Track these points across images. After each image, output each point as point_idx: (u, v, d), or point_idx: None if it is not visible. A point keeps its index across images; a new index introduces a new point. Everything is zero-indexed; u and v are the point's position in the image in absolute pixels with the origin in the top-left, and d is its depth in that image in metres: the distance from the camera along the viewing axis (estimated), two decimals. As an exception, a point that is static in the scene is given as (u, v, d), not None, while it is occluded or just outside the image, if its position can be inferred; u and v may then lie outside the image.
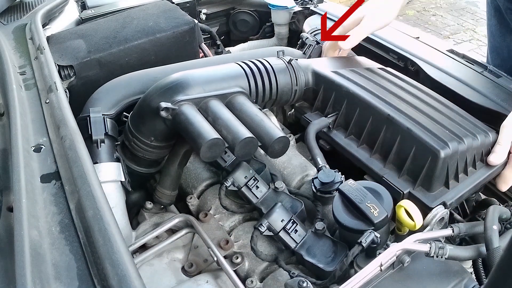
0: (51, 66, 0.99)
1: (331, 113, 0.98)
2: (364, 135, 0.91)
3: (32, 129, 0.84)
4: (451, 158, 0.80)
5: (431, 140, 0.81)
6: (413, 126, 0.83)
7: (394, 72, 1.05)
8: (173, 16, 1.26)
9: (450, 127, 0.85)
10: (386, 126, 0.87)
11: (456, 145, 0.81)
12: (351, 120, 0.94)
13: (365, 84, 0.95)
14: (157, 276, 0.80)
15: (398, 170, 0.85)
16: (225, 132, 0.78)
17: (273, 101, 0.99)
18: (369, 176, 0.88)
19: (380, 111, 0.88)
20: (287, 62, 0.99)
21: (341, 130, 0.96)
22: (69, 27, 1.36)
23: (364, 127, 0.91)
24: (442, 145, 0.80)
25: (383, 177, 0.84)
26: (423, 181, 0.82)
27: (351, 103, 0.93)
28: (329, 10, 1.46)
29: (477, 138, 0.85)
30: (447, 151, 0.79)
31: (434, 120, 0.86)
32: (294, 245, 0.79)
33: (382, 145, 0.88)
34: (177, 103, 0.82)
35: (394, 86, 0.97)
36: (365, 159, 0.89)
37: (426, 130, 0.83)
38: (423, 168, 0.81)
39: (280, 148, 0.81)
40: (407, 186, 0.82)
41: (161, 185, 0.93)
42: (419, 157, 0.82)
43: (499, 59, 1.50)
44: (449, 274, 0.70)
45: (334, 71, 1.00)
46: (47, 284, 0.56)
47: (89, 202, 0.64)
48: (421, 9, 5.07)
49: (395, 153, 0.86)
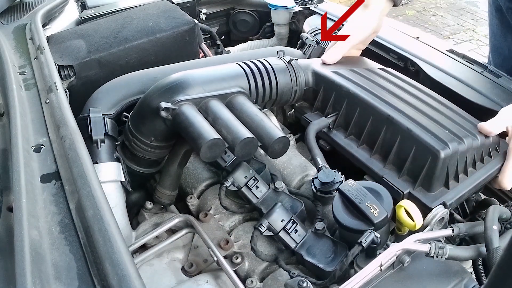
0: (51, 66, 0.99)
1: (331, 113, 0.98)
2: (364, 135, 0.91)
3: (32, 129, 0.84)
4: (451, 159, 0.80)
5: (431, 140, 0.81)
6: (413, 127, 0.83)
7: (394, 72, 1.05)
8: (173, 16, 1.26)
9: (450, 127, 0.85)
10: (386, 127, 0.87)
11: (456, 146, 0.81)
12: (351, 120, 0.93)
13: (365, 84, 0.95)
14: (157, 276, 0.80)
15: (398, 170, 0.85)
16: (225, 132, 0.78)
17: (273, 101, 0.99)
18: (369, 176, 0.88)
19: (380, 112, 0.88)
20: (287, 62, 0.99)
21: (341, 130, 0.96)
22: (69, 27, 1.36)
23: (364, 127, 0.91)
24: (442, 145, 0.80)
25: (383, 177, 0.84)
26: (423, 181, 0.82)
27: (351, 103, 0.93)
28: (329, 10, 1.46)
29: (477, 138, 0.85)
30: (447, 152, 0.79)
31: (434, 121, 0.86)
32: (294, 245, 0.79)
33: (382, 145, 0.88)
34: (177, 103, 0.82)
35: (394, 87, 0.97)
36: (365, 159, 0.89)
37: (426, 131, 0.83)
38: (423, 168, 0.81)
39: (280, 148, 0.81)
40: (407, 186, 0.82)
41: (161, 185, 0.93)
42: (419, 157, 0.82)
43: (501, 58, 1.50)
44: (449, 274, 0.70)
45: (334, 71, 1.00)
46: (47, 284, 0.56)
47: (89, 202, 0.64)
48: (421, 9, 5.07)
49: (395, 154, 0.85)
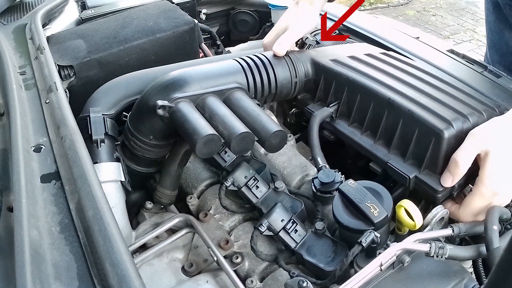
0: (51, 66, 0.99)
1: (333, 102, 0.97)
2: (366, 121, 0.89)
3: (32, 129, 0.84)
4: (456, 138, 0.78)
5: (434, 120, 0.78)
6: (415, 108, 0.81)
7: (395, 55, 1.03)
8: (173, 16, 1.26)
9: (454, 105, 0.82)
10: (387, 111, 0.85)
11: (460, 124, 0.78)
12: (353, 108, 0.92)
13: (364, 70, 0.94)
14: (157, 276, 0.80)
15: (403, 154, 0.83)
16: (221, 128, 0.78)
17: (273, 95, 0.98)
18: (375, 163, 0.86)
19: (381, 95, 0.86)
20: (285, 55, 0.99)
21: (344, 118, 0.95)
22: (69, 27, 1.36)
23: (366, 114, 0.89)
24: (445, 125, 0.78)
25: (388, 163, 0.83)
26: (428, 163, 0.80)
27: (352, 90, 0.92)
28: (329, 10, 1.46)
29: (483, 115, 0.82)
30: (451, 131, 0.77)
31: (437, 100, 0.83)
32: (294, 245, 0.79)
33: (385, 130, 0.86)
34: (174, 101, 0.82)
35: (395, 69, 0.95)
36: (369, 146, 0.87)
37: (429, 111, 0.80)
38: (427, 150, 0.78)
39: (277, 143, 0.80)
40: (413, 170, 0.80)
41: (161, 185, 0.93)
42: (422, 139, 0.80)
43: (498, 55, 1.50)
44: (449, 274, 0.70)
45: (332, 60, 0.99)
46: (47, 284, 0.56)
47: (89, 202, 0.64)
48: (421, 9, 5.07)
49: (399, 138, 0.84)
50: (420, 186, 0.81)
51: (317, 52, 1.05)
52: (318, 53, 1.05)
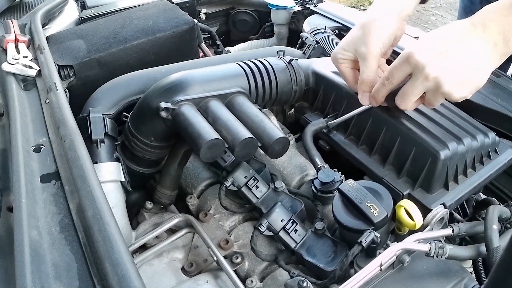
0: (51, 66, 0.99)
1: (331, 113, 0.98)
2: (363, 136, 0.91)
3: (32, 129, 0.84)
4: (450, 160, 0.80)
5: (431, 141, 0.81)
6: (413, 128, 0.83)
7: None
8: (173, 16, 1.26)
9: (450, 128, 0.85)
10: (386, 128, 0.87)
11: (455, 146, 0.81)
12: (350, 121, 0.93)
13: None
14: (157, 276, 0.80)
15: (398, 171, 0.85)
16: (225, 133, 0.78)
17: (273, 101, 0.99)
18: (369, 177, 0.88)
19: (380, 112, 0.88)
20: (287, 62, 0.99)
21: (341, 130, 0.96)
22: (69, 27, 1.36)
23: (364, 128, 0.91)
24: (441, 146, 0.80)
25: (383, 178, 0.84)
26: (422, 182, 0.82)
27: (351, 104, 0.93)
28: (329, 10, 1.46)
29: (476, 139, 0.85)
30: (446, 153, 0.79)
31: (433, 121, 0.86)
32: (294, 245, 0.79)
33: (382, 146, 0.88)
34: (177, 103, 0.82)
35: None
36: (364, 160, 0.89)
37: (426, 132, 0.83)
38: (422, 169, 0.81)
39: (280, 149, 0.81)
40: (407, 187, 0.82)
41: (161, 185, 0.93)
42: (418, 158, 0.82)
43: None
44: (449, 274, 0.70)
45: (334, 72, 1.00)
46: (47, 284, 0.56)
47: (89, 202, 0.64)
48: (421, 9, 5.07)
49: (395, 154, 0.85)
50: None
51: (319, 62, 1.06)
52: (320, 63, 1.05)
